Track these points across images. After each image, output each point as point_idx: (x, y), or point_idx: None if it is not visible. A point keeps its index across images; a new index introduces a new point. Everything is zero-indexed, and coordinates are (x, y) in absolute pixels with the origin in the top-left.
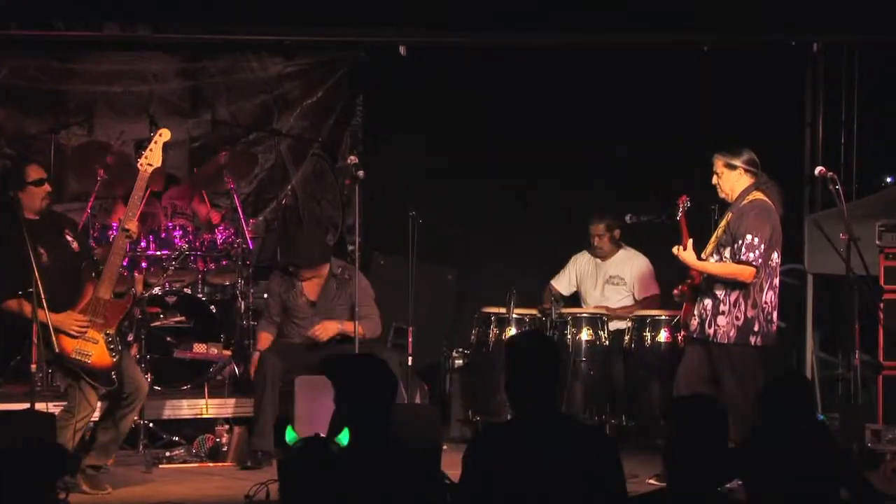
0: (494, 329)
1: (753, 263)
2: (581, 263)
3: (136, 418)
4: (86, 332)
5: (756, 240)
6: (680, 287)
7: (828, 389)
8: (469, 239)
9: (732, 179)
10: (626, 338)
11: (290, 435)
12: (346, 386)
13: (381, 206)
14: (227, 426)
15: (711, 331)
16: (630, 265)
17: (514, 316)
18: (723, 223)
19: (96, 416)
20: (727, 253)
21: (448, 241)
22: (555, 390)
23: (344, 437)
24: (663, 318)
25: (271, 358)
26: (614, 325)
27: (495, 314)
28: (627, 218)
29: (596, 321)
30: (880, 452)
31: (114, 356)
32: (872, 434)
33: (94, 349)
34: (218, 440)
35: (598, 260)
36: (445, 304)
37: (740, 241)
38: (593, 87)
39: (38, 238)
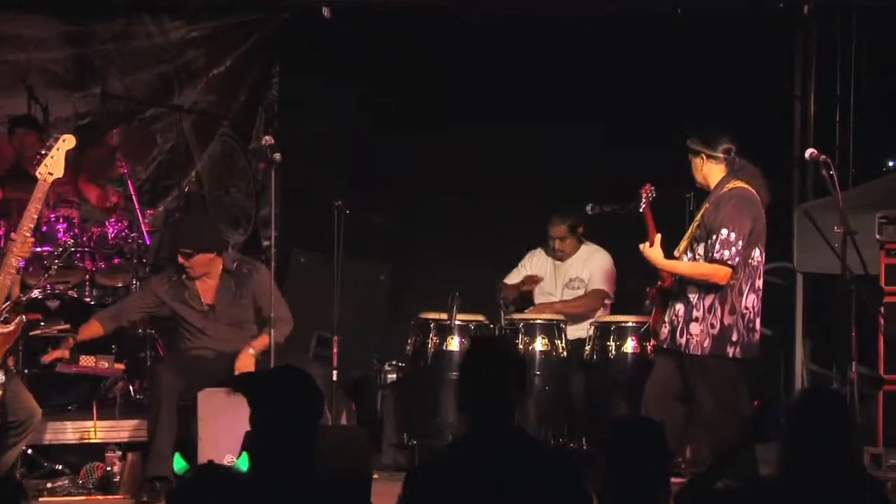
0: (434, 338)
1: (729, 262)
2: (538, 261)
3: None
4: None
5: (733, 235)
6: (649, 290)
7: None
8: (404, 233)
9: (707, 167)
10: (587, 348)
11: (178, 463)
12: (264, 404)
13: (302, 194)
14: (119, 452)
15: (683, 340)
16: (590, 264)
17: (458, 323)
18: (698, 215)
19: None
20: (701, 249)
21: (380, 235)
22: (513, 406)
23: (243, 463)
24: (630, 324)
25: (166, 372)
26: (573, 332)
27: (435, 321)
28: (588, 208)
29: (552, 329)
30: (881, 480)
31: None
32: (872, 459)
33: None
34: (109, 469)
35: (557, 260)
36: (377, 308)
37: (714, 237)
38: (551, 54)
39: None
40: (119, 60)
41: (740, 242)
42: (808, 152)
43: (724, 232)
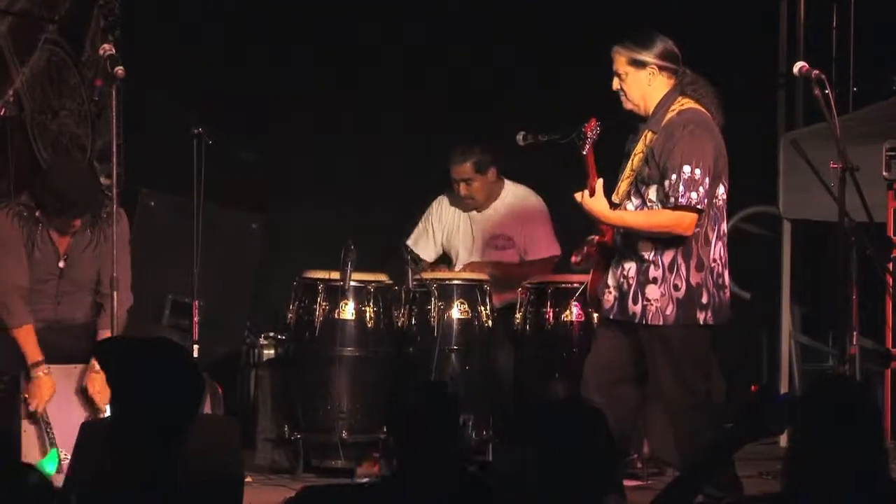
0: (323, 303)
1: (698, 207)
2: (446, 214)
3: None
4: None
5: (697, 172)
6: (583, 249)
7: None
8: (283, 171)
9: (643, 82)
10: (518, 316)
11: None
12: (134, 387)
13: (151, 119)
14: None
15: (638, 308)
16: (517, 215)
17: (353, 284)
18: (639, 148)
19: None
20: (653, 194)
21: (251, 173)
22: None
23: (50, 462)
24: (573, 286)
25: None
26: (500, 299)
27: (324, 281)
28: (520, 137)
29: (474, 291)
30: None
31: None
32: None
33: None
34: None
35: (473, 212)
36: (248, 266)
37: (674, 177)
38: None
39: None
40: None
41: (707, 180)
42: (798, 66)
43: (687, 169)
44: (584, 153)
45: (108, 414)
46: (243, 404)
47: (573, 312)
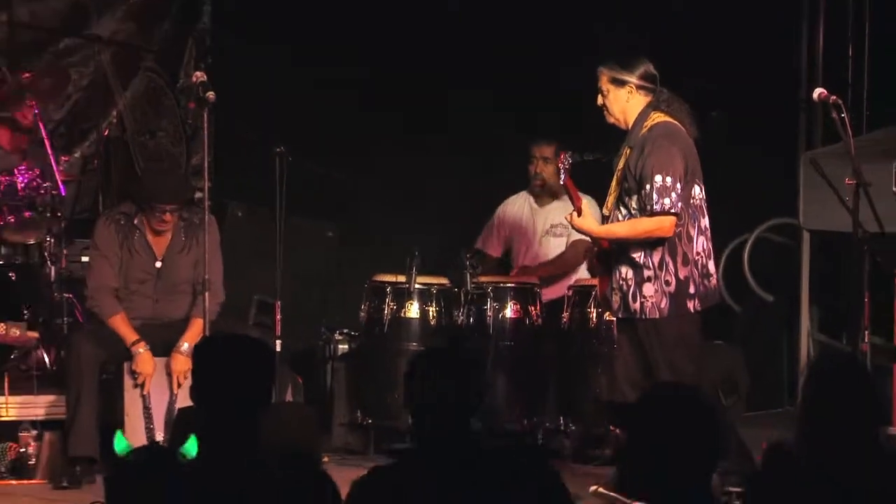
0: (391, 304)
1: (672, 211)
2: (512, 213)
3: None
4: None
5: (668, 179)
6: (590, 259)
7: None
8: (357, 184)
9: (622, 100)
10: (565, 314)
11: (119, 443)
12: (222, 376)
13: (239, 139)
14: (34, 432)
15: (637, 305)
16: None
17: (418, 286)
18: (620, 164)
19: None
20: (634, 203)
21: (329, 187)
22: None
23: (192, 447)
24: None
25: (86, 341)
26: (549, 294)
27: (392, 284)
28: (569, 155)
29: (525, 293)
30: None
31: None
32: (887, 440)
33: None
34: (23, 450)
35: (536, 205)
36: (325, 270)
37: (648, 187)
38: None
39: None
40: None
41: (678, 185)
42: (817, 92)
43: (659, 178)
44: (562, 182)
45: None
46: (321, 393)
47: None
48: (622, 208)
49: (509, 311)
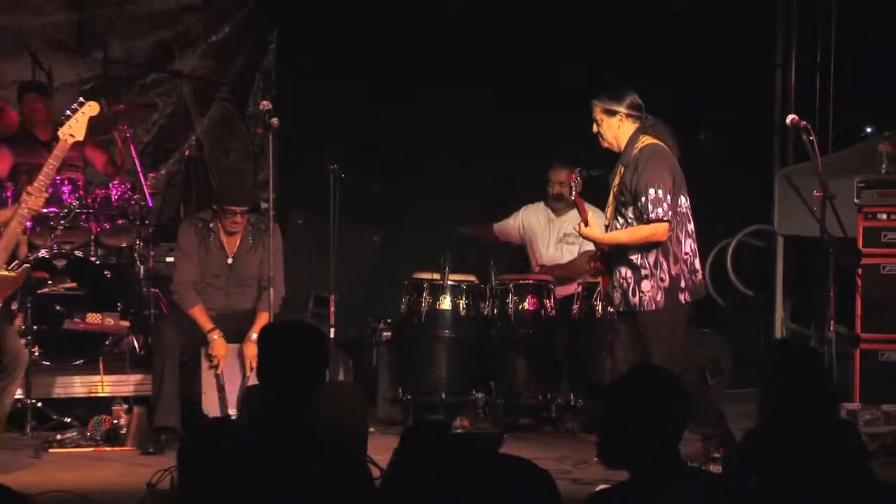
0: (427, 297)
1: (665, 219)
2: (532, 216)
3: (19, 395)
4: None
5: (660, 192)
6: (592, 263)
7: None
8: (398, 196)
9: (614, 127)
10: (575, 307)
11: (190, 417)
12: (283, 359)
13: (299, 158)
14: (125, 406)
15: (636, 299)
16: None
17: (450, 283)
18: (616, 179)
19: None
20: (631, 213)
21: (374, 198)
22: None
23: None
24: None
25: (169, 329)
26: (562, 291)
27: (428, 281)
28: (578, 171)
29: (541, 289)
30: (854, 424)
31: None
32: (848, 414)
33: None
34: (116, 421)
35: (553, 215)
36: (371, 269)
37: (643, 199)
38: (537, 28)
39: None
40: (119, 26)
41: (668, 196)
42: (789, 118)
43: (652, 192)
44: (573, 198)
45: (252, 374)
46: (367, 373)
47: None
48: (619, 218)
49: (528, 304)
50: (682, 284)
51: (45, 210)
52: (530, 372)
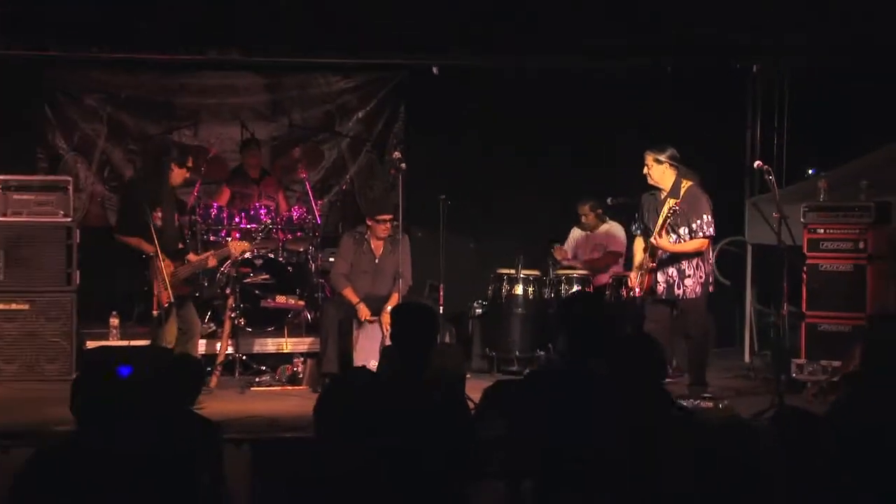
0: (506, 286)
1: (711, 235)
2: (576, 235)
3: (230, 351)
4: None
5: (709, 217)
6: (646, 264)
7: (763, 333)
8: (487, 216)
9: (660, 171)
10: (608, 293)
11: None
12: (408, 328)
13: (419, 190)
14: (302, 359)
15: (680, 291)
16: (610, 233)
17: (522, 275)
18: (666, 208)
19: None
20: (682, 231)
21: (470, 217)
22: None
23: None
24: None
25: (331, 307)
26: (599, 281)
27: (506, 274)
28: (609, 200)
29: (584, 280)
30: (803, 381)
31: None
32: (797, 367)
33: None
34: (295, 370)
35: (588, 232)
36: (468, 266)
37: (699, 221)
38: (575, 104)
39: (162, 203)
40: (299, 102)
41: (713, 220)
42: (756, 163)
43: (706, 217)
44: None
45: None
46: (465, 337)
47: (636, 292)
48: (672, 234)
49: (575, 290)
50: (710, 280)
51: (248, 226)
52: None
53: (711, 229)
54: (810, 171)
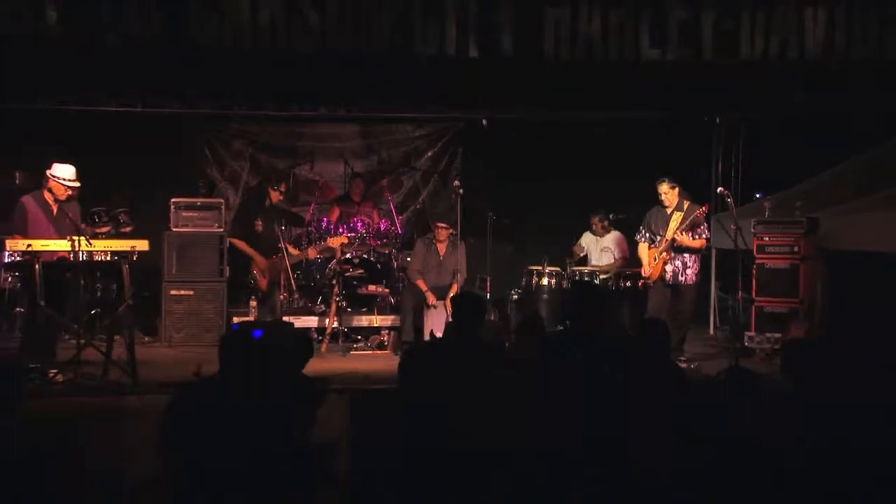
0: (535, 278)
1: (708, 237)
2: (588, 239)
3: (336, 325)
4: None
5: (707, 225)
6: (659, 256)
7: (724, 313)
8: (521, 227)
9: (671, 194)
10: (611, 283)
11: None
12: (464, 309)
13: (472, 209)
14: (387, 331)
15: (683, 279)
16: (614, 240)
17: (547, 270)
18: (675, 219)
19: None
20: (687, 235)
21: (510, 228)
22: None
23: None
24: (629, 273)
25: (407, 293)
26: (603, 276)
27: (535, 270)
28: (611, 215)
29: (594, 274)
30: (752, 349)
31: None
32: (748, 338)
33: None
34: (382, 339)
35: (598, 237)
36: (508, 264)
37: (701, 228)
38: (585, 150)
39: (260, 214)
40: (386, 145)
41: (709, 228)
42: (719, 189)
43: (705, 225)
44: (684, 228)
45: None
46: (505, 316)
47: (634, 283)
48: (681, 235)
49: (575, 279)
50: (700, 270)
51: (350, 234)
52: None
53: (709, 233)
54: (758, 195)
